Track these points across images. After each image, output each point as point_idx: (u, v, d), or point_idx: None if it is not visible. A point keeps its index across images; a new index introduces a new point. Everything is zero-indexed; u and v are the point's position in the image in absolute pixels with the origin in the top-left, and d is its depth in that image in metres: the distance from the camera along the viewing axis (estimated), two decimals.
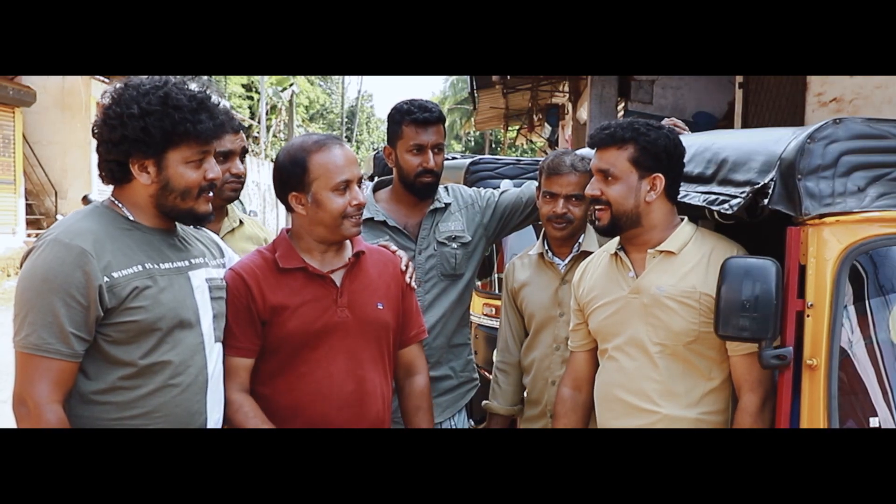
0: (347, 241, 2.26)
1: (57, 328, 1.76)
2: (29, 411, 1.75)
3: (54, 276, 1.77)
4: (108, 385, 1.83)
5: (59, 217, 16.32)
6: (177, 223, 2.03)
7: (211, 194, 1.96)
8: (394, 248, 2.42)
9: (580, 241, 2.70)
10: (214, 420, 2.00)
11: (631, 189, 2.14)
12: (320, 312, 2.14)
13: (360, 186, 2.17)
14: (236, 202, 2.86)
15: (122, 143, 1.86)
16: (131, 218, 1.93)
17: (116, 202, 1.95)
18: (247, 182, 2.81)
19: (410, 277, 2.35)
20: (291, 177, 2.15)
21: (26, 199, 16.61)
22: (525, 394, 2.82)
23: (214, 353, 2.02)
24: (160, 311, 1.86)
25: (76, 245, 1.79)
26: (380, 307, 2.22)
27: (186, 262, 2.00)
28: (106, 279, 1.80)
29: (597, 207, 2.18)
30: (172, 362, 1.88)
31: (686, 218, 2.22)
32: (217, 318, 2.04)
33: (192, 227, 2.09)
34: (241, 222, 2.79)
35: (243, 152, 2.69)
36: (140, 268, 1.86)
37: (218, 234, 2.66)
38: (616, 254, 2.25)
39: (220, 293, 2.08)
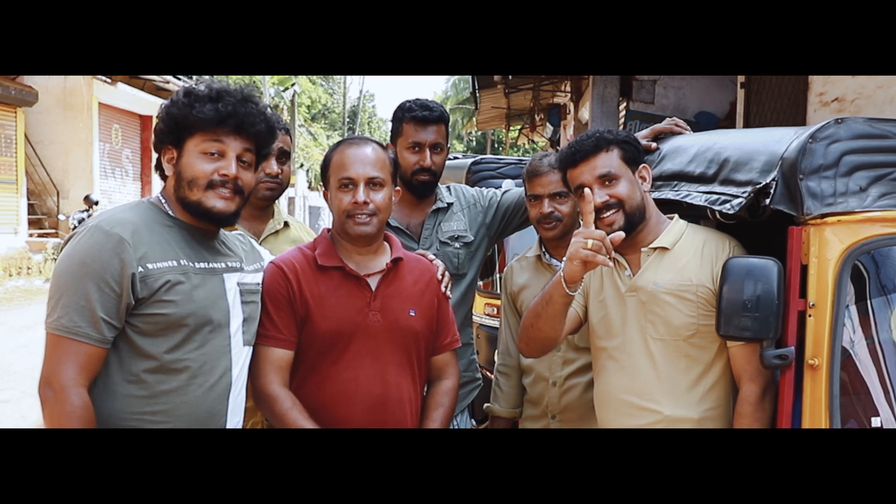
0: (386, 246, 2.27)
1: (89, 312, 1.77)
2: (55, 393, 1.75)
3: (91, 260, 1.79)
4: (132, 377, 1.84)
5: (60, 217, 16.35)
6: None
7: (226, 192, 1.94)
8: (431, 256, 2.43)
9: None
10: (234, 423, 2.00)
11: (633, 183, 2.18)
12: (353, 314, 2.15)
13: (372, 187, 2.15)
14: None
15: (157, 135, 1.98)
16: (171, 214, 1.96)
17: (161, 198, 2.00)
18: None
19: (446, 287, 2.35)
20: (323, 173, 2.25)
21: (28, 199, 16.63)
22: (525, 395, 2.83)
23: (241, 358, 2.02)
24: (190, 308, 1.87)
25: (115, 233, 1.81)
26: (412, 314, 2.22)
27: (223, 265, 2.01)
28: (140, 269, 1.82)
29: (606, 215, 2.16)
30: (197, 361, 1.89)
31: (676, 215, 2.23)
32: (247, 321, 2.05)
33: (226, 230, 2.09)
34: (286, 224, 2.78)
35: (282, 153, 2.67)
36: (174, 263, 1.88)
37: (261, 235, 2.69)
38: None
39: (252, 297, 2.09)
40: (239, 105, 1.95)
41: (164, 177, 2.01)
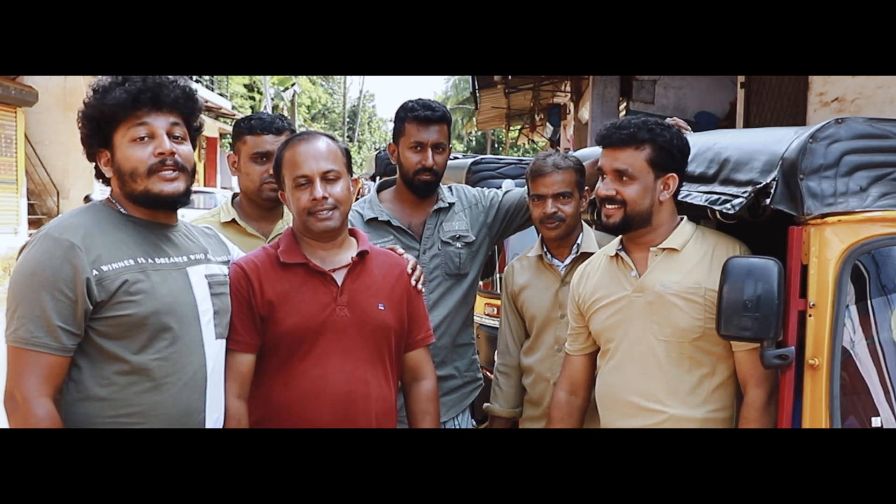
0: (352, 240, 2.26)
1: (44, 322, 1.75)
2: (18, 406, 1.74)
3: (42, 269, 1.77)
4: (104, 381, 1.82)
5: None
6: (178, 217, 2.03)
7: (169, 173, 1.90)
8: (401, 250, 2.42)
9: (579, 242, 2.71)
10: (214, 419, 1.97)
11: (647, 189, 2.14)
12: (319, 310, 2.13)
13: (328, 181, 2.13)
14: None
15: (85, 143, 1.95)
16: (124, 212, 1.94)
17: (111, 199, 1.97)
18: None
19: (417, 280, 2.33)
20: (276, 174, 2.23)
21: (28, 199, 16.62)
22: (525, 395, 2.83)
23: (214, 351, 1.99)
24: (153, 306, 1.84)
25: (65, 239, 1.79)
26: (381, 308, 2.20)
27: (185, 258, 1.98)
28: (95, 272, 1.79)
29: (607, 207, 2.17)
30: (168, 358, 1.86)
31: (685, 217, 2.23)
32: (218, 314, 2.02)
33: (190, 222, 2.08)
34: None
35: None
36: (132, 262, 1.85)
37: (269, 235, 2.70)
38: (617, 255, 2.25)
39: (222, 289, 2.06)
40: (148, 79, 1.92)
41: (107, 182, 1.98)
